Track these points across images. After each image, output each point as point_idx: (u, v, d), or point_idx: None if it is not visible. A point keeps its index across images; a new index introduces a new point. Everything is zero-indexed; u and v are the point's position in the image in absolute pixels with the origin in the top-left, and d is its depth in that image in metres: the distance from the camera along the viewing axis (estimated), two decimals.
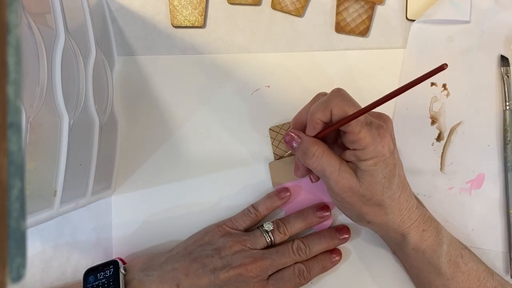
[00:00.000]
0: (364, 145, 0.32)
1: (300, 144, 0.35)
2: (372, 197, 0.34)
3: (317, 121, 0.34)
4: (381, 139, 0.33)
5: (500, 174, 0.42)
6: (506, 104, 0.42)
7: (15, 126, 0.15)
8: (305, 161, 0.35)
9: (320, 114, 0.33)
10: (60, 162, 0.31)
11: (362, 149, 0.32)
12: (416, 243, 0.36)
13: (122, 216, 0.44)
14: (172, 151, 0.45)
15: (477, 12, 0.43)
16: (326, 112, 0.33)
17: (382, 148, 0.33)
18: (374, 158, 0.33)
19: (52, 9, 0.31)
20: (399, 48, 0.44)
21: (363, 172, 0.33)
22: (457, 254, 0.37)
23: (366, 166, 0.33)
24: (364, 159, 0.33)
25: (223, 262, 0.38)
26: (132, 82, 0.45)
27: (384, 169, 0.33)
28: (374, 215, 0.35)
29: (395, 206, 0.35)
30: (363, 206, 0.35)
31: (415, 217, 0.36)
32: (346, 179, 0.34)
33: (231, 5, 0.45)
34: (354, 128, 0.32)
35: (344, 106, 0.32)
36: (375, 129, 0.33)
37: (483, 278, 0.37)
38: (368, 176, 0.33)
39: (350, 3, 0.44)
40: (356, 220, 0.38)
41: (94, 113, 0.37)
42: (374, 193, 0.34)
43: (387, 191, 0.34)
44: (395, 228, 0.36)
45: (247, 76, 0.45)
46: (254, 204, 0.42)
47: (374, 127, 0.33)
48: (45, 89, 0.29)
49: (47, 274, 0.44)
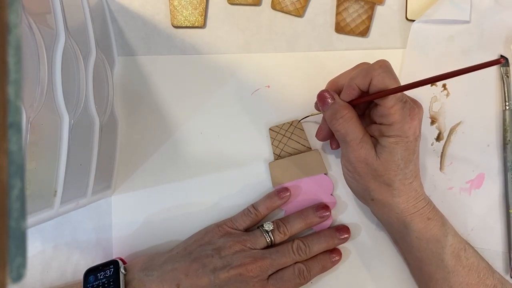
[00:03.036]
0: (392, 121, 0.32)
1: (332, 104, 0.35)
2: (384, 174, 0.34)
3: (355, 87, 0.34)
4: (411, 120, 0.33)
5: (500, 174, 0.42)
6: (506, 104, 0.42)
7: (15, 126, 0.15)
8: (332, 122, 0.35)
9: (360, 80, 0.33)
10: (60, 162, 0.31)
11: (388, 124, 0.33)
12: (421, 231, 0.36)
13: (122, 216, 0.44)
14: (172, 151, 0.45)
15: (477, 12, 0.43)
16: (366, 79, 0.33)
17: (409, 129, 0.33)
18: (397, 136, 0.33)
19: (52, 9, 0.31)
20: (399, 48, 0.44)
21: (382, 148, 0.33)
22: (460, 247, 0.37)
23: (387, 142, 0.33)
24: (388, 135, 0.33)
25: (223, 262, 0.38)
26: (132, 82, 0.45)
27: (404, 151, 0.33)
28: (380, 193, 0.35)
29: (404, 190, 0.35)
30: (372, 181, 0.35)
31: (421, 206, 0.36)
32: (365, 149, 0.34)
33: (231, 5, 0.45)
34: (388, 102, 0.32)
35: (385, 78, 0.32)
36: (407, 109, 0.33)
37: (483, 275, 0.36)
38: (386, 152, 0.33)
39: (350, 3, 0.44)
40: (360, 195, 0.38)
41: (94, 113, 0.37)
42: (387, 170, 0.34)
43: (400, 173, 0.34)
44: (397, 213, 0.36)
45: (247, 76, 0.45)
46: (254, 204, 0.42)
47: (407, 106, 0.33)
48: (45, 89, 0.29)
49: (47, 274, 0.44)
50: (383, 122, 0.33)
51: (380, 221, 0.40)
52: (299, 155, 0.43)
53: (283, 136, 0.44)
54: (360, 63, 0.37)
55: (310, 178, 0.43)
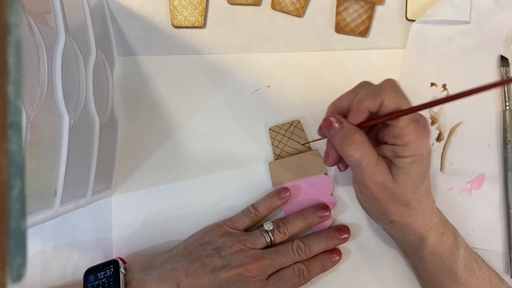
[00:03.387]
0: (407, 141, 0.31)
1: (341, 129, 0.33)
2: (402, 195, 0.33)
3: (364, 109, 0.32)
4: (425, 138, 0.32)
5: (500, 174, 0.42)
6: (506, 104, 0.42)
7: (15, 126, 0.15)
8: (343, 148, 0.32)
9: (369, 102, 0.31)
10: (61, 162, 0.31)
11: (403, 145, 0.31)
12: (435, 246, 0.35)
13: (122, 216, 0.44)
14: (172, 151, 0.45)
15: (477, 12, 0.43)
16: (376, 101, 0.31)
17: (424, 147, 0.32)
18: (413, 156, 0.31)
19: (52, 9, 0.31)
20: (399, 48, 0.44)
21: (398, 169, 0.32)
22: (472, 258, 0.37)
23: (403, 163, 0.32)
24: (403, 156, 0.31)
25: (223, 261, 0.38)
26: (132, 82, 0.45)
27: (419, 169, 0.32)
28: (399, 214, 0.34)
29: (420, 208, 0.34)
30: (390, 204, 0.33)
31: (435, 220, 0.35)
32: (382, 173, 0.32)
33: (231, 5, 0.45)
34: (401, 122, 0.31)
35: (397, 98, 0.31)
36: (421, 127, 0.31)
37: (495, 284, 0.37)
38: (402, 174, 0.32)
39: (350, 3, 0.44)
40: (376, 219, 0.37)
41: (94, 113, 0.37)
42: (405, 192, 0.33)
43: (416, 192, 0.33)
44: (415, 231, 0.35)
45: (247, 76, 0.45)
46: (254, 204, 0.42)
47: (421, 124, 0.32)
48: (46, 89, 0.29)
49: (47, 274, 0.44)
50: (396, 143, 0.32)
51: (394, 238, 0.39)
52: (299, 155, 0.43)
53: (283, 136, 0.44)
54: (361, 83, 0.35)
55: (310, 178, 0.43)
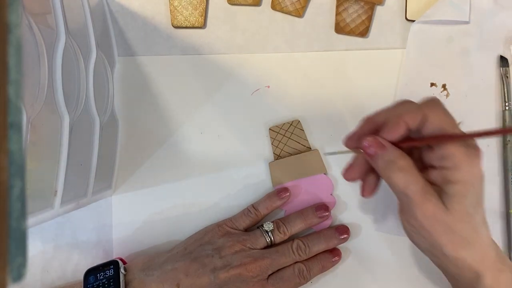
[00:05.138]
0: (457, 162, 0.28)
1: (385, 153, 0.30)
2: (456, 227, 0.29)
3: (402, 124, 0.29)
4: (478, 159, 0.28)
5: (500, 174, 0.42)
6: (505, 105, 0.42)
7: (15, 126, 0.15)
8: (388, 175, 0.29)
9: (410, 117, 0.28)
10: (61, 162, 0.31)
11: (453, 167, 0.28)
12: (492, 285, 0.31)
13: (122, 216, 0.44)
14: (172, 151, 0.45)
15: (476, 12, 0.43)
16: (418, 116, 0.28)
17: (478, 171, 0.28)
18: (466, 181, 0.28)
19: (52, 9, 0.31)
20: (398, 48, 0.44)
21: (450, 198, 0.28)
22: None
23: (456, 190, 0.28)
24: (455, 181, 0.28)
25: (223, 261, 0.38)
26: (133, 82, 0.45)
27: (474, 197, 0.29)
28: (453, 248, 0.30)
29: (477, 240, 0.30)
30: (443, 236, 0.29)
31: (493, 255, 0.31)
32: (432, 203, 0.29)
33: (231, 6, 0.45)
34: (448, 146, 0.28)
35: (442, 116, 0.28)
36: (472, 148, 0.28)
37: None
38: (456, 202, 0.28)
39: (350, 3, 0.44)
40: (427, 251, 0.33)
41: (94, 113, 0.37)
42: (459, 222, 0.29)
43: (472, 221, 0.29)
44: (471, 266, 0.31)
45: (247, 76, 0.45)
46: (254, 204, 0.42)
47: (471, 145, 0.28)
48: (46, 89, 0.29)
49: (47, 274, 0.44)
50: (445, 165, 0.28)
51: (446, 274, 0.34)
52: (299, 155, 0.43)
53: (283, 136, 0.44)
54: (403, 100, 0.31)
55: (310, 178, 0.43)
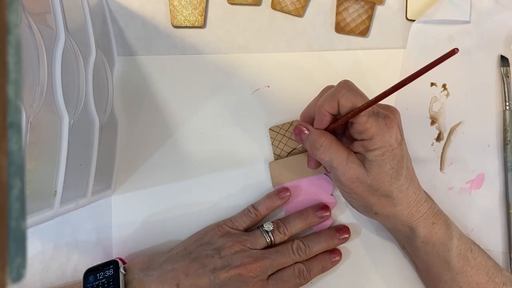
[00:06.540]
0: (371, 134, 0.33)
1: (308, 136, 0.36)
2: (379, 187, 0.34)
3: (325, 113, 0.34)
4: (388, 129, 0.33)
5: (500, 174, 0.42)
6: (506, 104, 0.42)
7: (15, 126, 0.15)
8: (313, 153, 0.35)
9: (328, 105, 0.34)
10: (60, 162, 0.31)
11: (369, 139, 0.33)
12: (426, 236, 0.36)
13: (122, 216, 0.44)
14: (172, 151, 0.45)
15: (477, 12, 0.43)
16: (333, 103, 0.33)
17: (390, 138, 0.33)
18: (381, 148, 0.33)
19: (52, 9, 0.31)
20: (399, 48, 0.44)
21: (370, 163, 0.34)
22: (467, 248, 0.37)
23: (373, 156, 0.33)
24: (372, 149, 0.33)
25: (223, 262, 0.38)
26: (132, 82, 0.45)
27: (392, 160, 0.33)
28: (381, 206, 0.35)
29: (403, 197, 0.35)
30: (370, 196, 0.35)
31: (424, 210, 0.36)
32: (354, 169, 0.34)
33: (231, 5, 0.45)
34: (360, 118, 0.32)
35: (351, 97, 0.33)
36: (382, 119, 0.33)
37: (491, 273, 0.37)
38: (375, 166, 0.33)
39: (350, 3, 0.44)
40: (363, 212, 0.38)
41: (94, 113, 0.37)
42: (381, 183, 0.34)
43: (394, 182, 0.34)
44: (403, 221, 0.36)
45: (247, 76, 0.45)
46: (254, 204, 0.42)
47: (381, 117, 0.33)
48: (45, 89, 0.29)
49: (47, 274, 0.44)
50: (363, 138, 0.33)
51: (388, 230, 0.40)
52: (299, 155, 0.43)
53: (283, 136, 0.44)
54: (325, 88, 0.37)
55: (310, 178, 0.43)
